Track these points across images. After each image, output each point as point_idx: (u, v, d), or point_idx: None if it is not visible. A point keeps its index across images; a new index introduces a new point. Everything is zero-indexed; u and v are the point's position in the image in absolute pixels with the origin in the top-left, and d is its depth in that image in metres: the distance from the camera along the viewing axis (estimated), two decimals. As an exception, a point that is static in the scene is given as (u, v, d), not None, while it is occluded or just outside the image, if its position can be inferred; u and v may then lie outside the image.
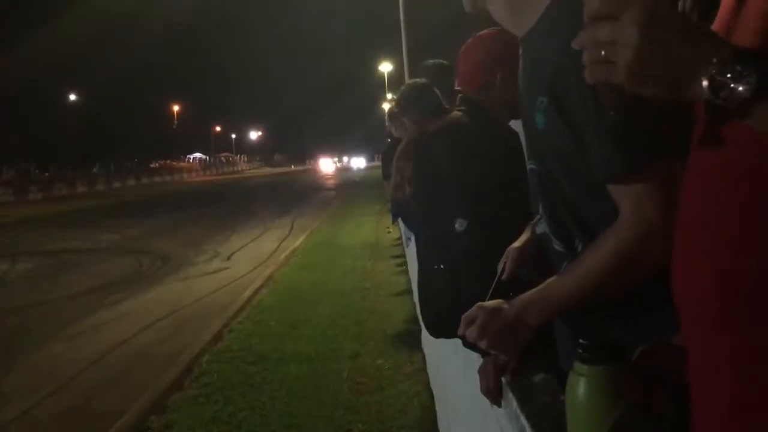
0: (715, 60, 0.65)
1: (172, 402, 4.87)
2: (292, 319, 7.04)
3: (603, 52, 0.69)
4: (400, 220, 6.84)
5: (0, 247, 14.67)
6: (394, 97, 4.05)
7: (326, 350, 5.89)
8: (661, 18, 0.67)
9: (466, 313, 1.36)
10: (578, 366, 0.87)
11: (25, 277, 11.03)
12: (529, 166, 1.35)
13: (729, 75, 0.64)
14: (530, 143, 1.32)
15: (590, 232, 1.20)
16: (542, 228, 1.37)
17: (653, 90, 0.69)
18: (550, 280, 1.29)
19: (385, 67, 43.75)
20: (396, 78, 37.46)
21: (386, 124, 4.79)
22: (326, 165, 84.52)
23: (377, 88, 50.81)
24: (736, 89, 0.64)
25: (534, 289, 1.31)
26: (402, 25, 19.52)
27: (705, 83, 0.65)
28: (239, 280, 9.61)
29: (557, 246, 1.32)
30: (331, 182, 44.51)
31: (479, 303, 1.37)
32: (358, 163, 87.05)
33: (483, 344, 1.34)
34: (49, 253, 13.51)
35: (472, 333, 1.33)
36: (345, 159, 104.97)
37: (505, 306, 1.32)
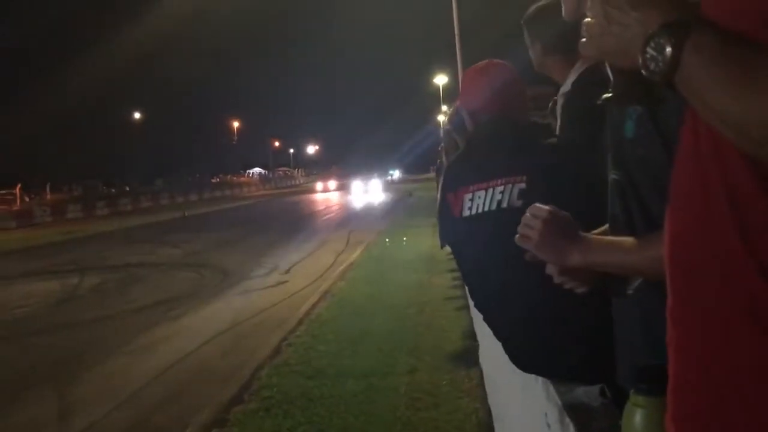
0: (649, 32, 0.66)
1: (233, 415, 4.94)
2: (350, 333, 7.08)
3: (584, 29, 0.74)
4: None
5: (70, 262, 15.26)
6: (449, 108, 4.06)
7: (383, 365, 5.90)
8: None
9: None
10: (635, 397, 0.86)
11: (92, 291, 11.41)
12: (611, 176, 1.34)
13: (653, 47, 0.65)
14: (615, 152, 1.32)
15: None
16: None
17: (620, 61, 0.73)
18: (613, 240, 1.28)
19: (440, 80, 43.84)
20: (452, 90, 37.45)
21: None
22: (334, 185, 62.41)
23: (433, 99, 50.89)
24: (657, 62, 0.65)
25: (599, 239, 1.32)
26: (456, 38, 19.56)
27: (640, 57, 0.66)
28: (297, 294, 9.72)
29: None
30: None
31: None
32: (367, 185, 51.92)
33: (532, 235, 1.36)
34: (114, 268, 13.95)
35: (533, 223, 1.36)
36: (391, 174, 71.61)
37: (575, 227, 1.34)
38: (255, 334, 7.47)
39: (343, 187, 55.76)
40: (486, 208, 1.98)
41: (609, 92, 0.79)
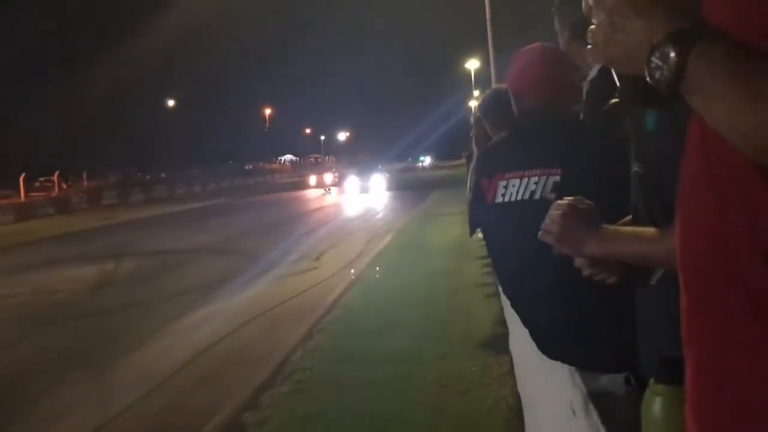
0: (654, 41, 0.66)
1: (266, 399, 5.03)
2: (379, 319, 7.13)
3: (590, 36, 0.76)
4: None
5: (106, 248, 15.56)
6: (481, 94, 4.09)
7: (413, 351, 5.93)
8: (626, 2, 0.70)
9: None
10: (655, 386, 0.88)
11: (127, 276, 11.63)
12: (634, 168, 1.35)
13: (657, 56, 0.66)
14: (637, 145, 1.33)
15: None
16: None
17: (625, 69, 0.74)
18: (633, 231, 1.30)
19: (472, 65, 43.47)
20: (484, 75, 37.19)
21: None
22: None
23: (465, 84, 50.39)
24: (662, 70, 0.66)
25: (618, 230, 1.33)
26: (488, 23, 19.40)
27: (645, 66, 0.67)
28: (328, 281, 9.81)
29: None
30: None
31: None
32: (367, 182, 35.90)
33: (552, 228, 1.38)
34: (149, 254, 14.20)
35: (553, 217, 1.39)
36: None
37: (596, 217, 1.35)
38: (286, 320, 7.56)
39: (340, 183, 39.31)
40: (519, 197, 1.98)
41: (615, 97, 0.80)
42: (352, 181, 36.37)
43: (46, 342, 7.40)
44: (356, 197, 31.22)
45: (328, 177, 44.99)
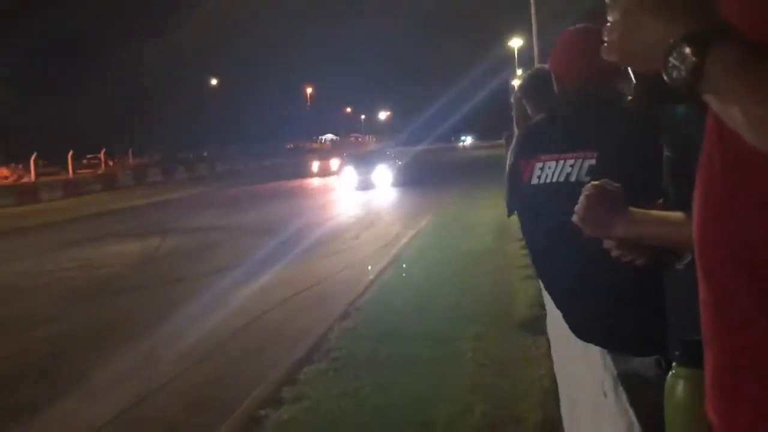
0: (671, 41, 0.66)
1: (303, 375, 5.12)
2: (417, 298, 7.17)
3: (605, 33, 0.75)
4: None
5: (150, 225, 15.91)
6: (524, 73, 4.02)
7: (450, 331, 5.96)
8: (639, 2, 0.70)
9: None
10: (677, 368, 0.88)
11: (170, 253, 11.87)
12: (665, 153, 1.35)
13: (675, 57, 0.65)
14: (669, 130, 1.33)
15: None
16: None
17: (640, 67, 0.74)
18: (658, 214, 1.31)
19: (515, 43, 42.92)
20: (526, 53, 36.68)
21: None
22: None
23: (508, 62, 49.78)
24: (679, 70, 0.65)
25: (644, 213, 1.34)
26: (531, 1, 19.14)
27: (662, 65, 0.67)
28: (365, 260, 9.87)
29: None
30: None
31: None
32: (369, 176, 24.69)
33: (580, 212, 1.41)
34: (191, 231, 14.48)
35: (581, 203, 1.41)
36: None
37: (622, 200, 1.36)
38: (325, 297, 7.65)
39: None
40: (554, 179, 1.98)
41: (631, 95, 0.79)
42: (349, 173, 26.40)
43: (90, 317, 7.61)
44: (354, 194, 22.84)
45: (335, 163, 35.96)
